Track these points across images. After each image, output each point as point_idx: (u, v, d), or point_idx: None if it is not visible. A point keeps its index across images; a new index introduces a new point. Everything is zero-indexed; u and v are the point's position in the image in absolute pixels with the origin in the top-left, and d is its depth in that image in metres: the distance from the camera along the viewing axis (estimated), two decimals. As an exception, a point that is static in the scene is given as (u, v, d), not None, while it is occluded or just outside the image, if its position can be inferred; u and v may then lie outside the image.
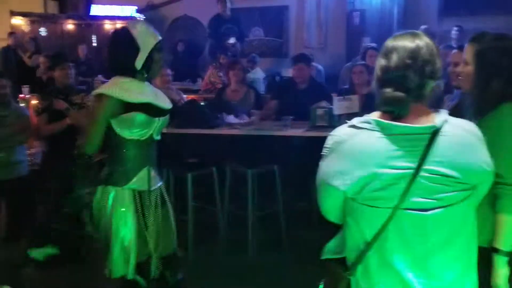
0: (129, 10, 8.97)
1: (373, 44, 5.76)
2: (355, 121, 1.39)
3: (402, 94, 1.32)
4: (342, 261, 1.50)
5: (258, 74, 6.12)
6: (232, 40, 6.52)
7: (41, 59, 6.31)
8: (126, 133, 2.30)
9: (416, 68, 1.33)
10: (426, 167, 1.30)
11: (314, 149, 4.05)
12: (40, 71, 6.28)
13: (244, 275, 3.66)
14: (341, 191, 1.38)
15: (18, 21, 8.62)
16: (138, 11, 8.95)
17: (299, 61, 4.77)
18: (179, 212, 4.27)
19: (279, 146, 4.12)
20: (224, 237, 4.19)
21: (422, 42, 1.36)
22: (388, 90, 1.34)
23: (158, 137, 2.47)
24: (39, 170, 4.12)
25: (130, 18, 8.91)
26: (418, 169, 1.30)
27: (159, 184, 2.46)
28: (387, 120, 1.34)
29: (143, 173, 2.36)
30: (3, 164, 3.79)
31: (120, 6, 8.94)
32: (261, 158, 4.12)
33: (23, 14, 8.66)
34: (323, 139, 4.26)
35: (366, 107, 4.00)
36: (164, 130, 4.19)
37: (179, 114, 4.50)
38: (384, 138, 1.33)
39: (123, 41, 2.30)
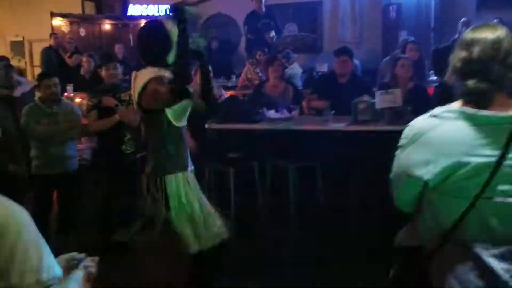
0: (164, 9, 9.11)
1: (412, 38, 5.70)
2: (437, 111, 1.42)
3: (486, 85, 1.35)
4: (415, 249, 1.52)
5: (296, 69, 6.13)
6: (272, 33, 6.59)
7: (84, 58, 6.51)
8: (180, 122, 2.48)
9: (499, 59, 1.36)
10: (510, 155, 1.32)
11: (356, 143, 4.11)
12: (84, 69, 6.47)
13: (285, 269, 3.70)
14: (422, 181, 1.40)
15: (58, 22, 8.88)
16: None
17: (342, 54, 4.73)
18: (221, 207, 4.37)
19: (320, 141, 4.14)
20: (266, 232, 4.24)
21: (502, 33, 1.39)
22: (472, 82, 1.36)
23: None
24: (88, 165, 4.27)
25: (166, 17, 9.07)
26: (502, 157, 1.32)
27: None
28: (469, 110, 1.37)
29: (188, 155, 2.58)
30: (55, 158, 3.94)
31: (156, 6, 9.09)
32: (302, 153, 4.15)
33: (63, 15, 8.92)
34: (365, 133, 4.27)
35: (409, 101, 3.99)
36: (206, 126, 4.34)
37: (220, 110, 4.59)
38: (468, 128, 1.35)
39: (159, 34, 2.41)
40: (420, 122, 1.45)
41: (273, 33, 6.67)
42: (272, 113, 4.34)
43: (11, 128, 3.65)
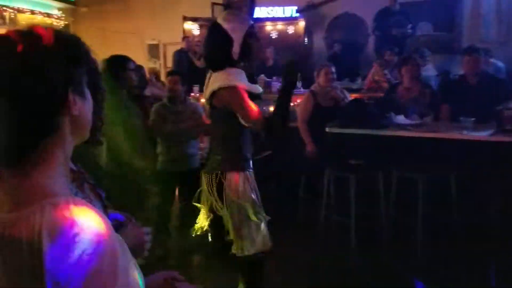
0: (290, 11, 9.07)
1: None
2: None
3: None
4: None
5: (429, 71, 5.61)
6: (409, 27, 6.14)
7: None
8: None
9: None
10: None
11: (499, 155, 3.59)
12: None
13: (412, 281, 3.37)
14: None
15: (189, 26, 9.31)
16: (298, 11, 9.01)
17: (471, 53, 4.30)
18: (340, 215, 4.14)
19: (455, 151, 3.69)
20: (388, 245, 3.91)
21: None
22: None
23: None
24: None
25: (291, 19, 9.03)
26: None
27: None
28: None
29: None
30: (178, 156, 4.05)
31: (281, 7, 9.09)
32: (434, 163, 3.75)
33: (194, 19, 9.33)
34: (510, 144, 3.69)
35: None
36: (327, 129, 4.13)
37: (343, 113, 4.34)
38: None
39: (215, 36, 2.35)
40: None
41: (406, 30, 6.23)
42: (401, 119, 3.98)
43: (140, 126, 3.80)
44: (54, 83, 0.82)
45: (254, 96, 2.42)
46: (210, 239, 2.62)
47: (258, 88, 2.47)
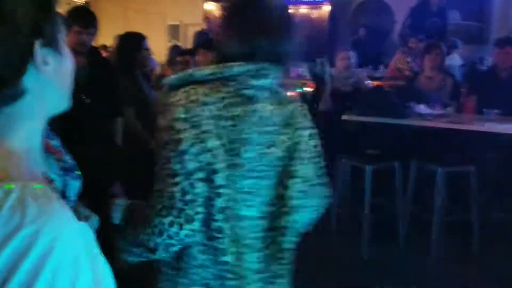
0: (315, -6, 8.87)
1: None
2: None
3: None
4: None
5: (454, 60, 5.40)
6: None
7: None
8: None
9: None
10: None
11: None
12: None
13: (424, 281, 3.27)
14: None
15: (211, 7, 9.18)
16: (323, -6, 8.80)
17: (505, 44, 4.11)
18: (356, 206, 4.03)
19: (478, 143, 3.54)
20: (404, 239, 3.80)
21: None
22: None
23: None
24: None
25: (315, 3, 8.83)
26: None
27: None
28: None
29: None
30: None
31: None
32: (455, 156, 3.60)
33: (215, 0, 9.19)
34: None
35: None
36: (345, 117, 4.01)
37: (362, 100, 4.21)
38: None
39: None
40: None
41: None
42: (422, 108, 3.83)
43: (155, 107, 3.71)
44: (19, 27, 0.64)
45: None
46: None
47: None
